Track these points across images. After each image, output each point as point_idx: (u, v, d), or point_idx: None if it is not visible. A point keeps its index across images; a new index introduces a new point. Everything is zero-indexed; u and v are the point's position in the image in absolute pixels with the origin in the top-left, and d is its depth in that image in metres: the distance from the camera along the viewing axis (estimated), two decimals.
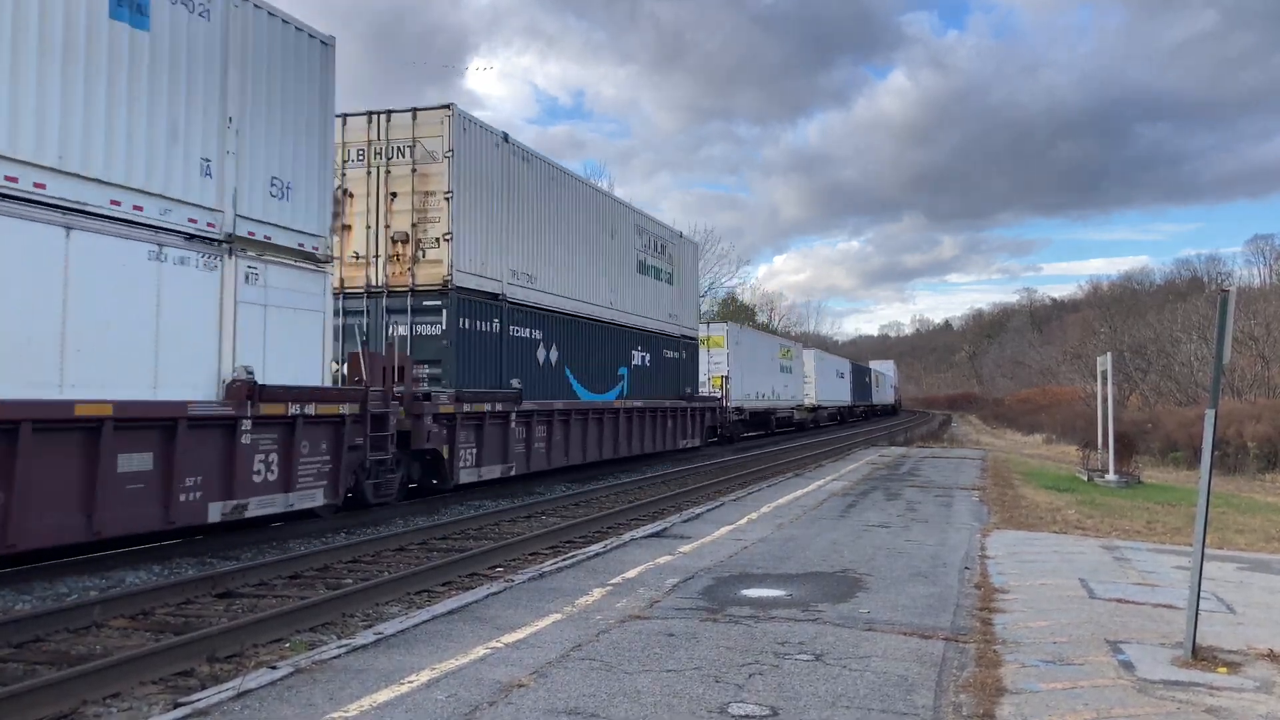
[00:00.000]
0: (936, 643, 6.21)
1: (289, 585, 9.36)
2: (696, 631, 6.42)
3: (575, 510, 15.50)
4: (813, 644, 6.12)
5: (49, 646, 7.02)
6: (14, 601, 8.28)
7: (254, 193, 11.23)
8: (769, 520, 12.28)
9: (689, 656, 5.79)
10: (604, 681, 5.27)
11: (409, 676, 5.34)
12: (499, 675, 5.38)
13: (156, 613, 8.07)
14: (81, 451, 8.70)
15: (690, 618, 6.82)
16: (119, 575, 9.45)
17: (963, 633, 6.50)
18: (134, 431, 9.20)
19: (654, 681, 5.27)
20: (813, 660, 5.75)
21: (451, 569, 9.81)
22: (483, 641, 6.13)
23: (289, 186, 11.83)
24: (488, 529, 13.31)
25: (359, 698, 4.96)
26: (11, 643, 6.91)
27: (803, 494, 15.80)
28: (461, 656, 5.77)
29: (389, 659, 5.73)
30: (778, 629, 6.51)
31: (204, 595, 8.69)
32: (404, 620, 6.78)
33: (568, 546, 11.42)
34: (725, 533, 11.09)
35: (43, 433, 8.27)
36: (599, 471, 22.06)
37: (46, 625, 7.29)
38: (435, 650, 5.93)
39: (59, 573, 9.27)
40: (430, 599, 8.62)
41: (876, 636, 6.34)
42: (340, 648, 5.95)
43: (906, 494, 16.08)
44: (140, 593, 8.28)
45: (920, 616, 6.96)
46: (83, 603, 7.86)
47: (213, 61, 10.63)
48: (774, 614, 6.96)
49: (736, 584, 8.09)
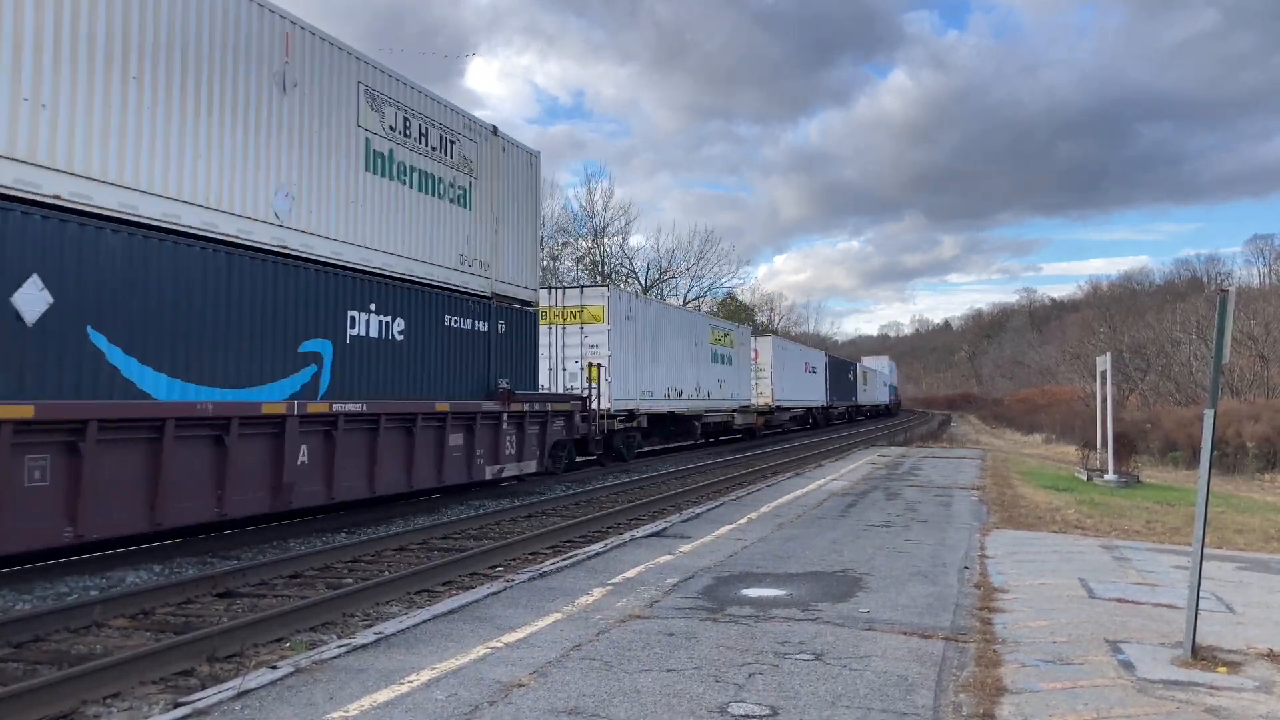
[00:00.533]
0: (936, 642, 6.22)
1: (289, 585, 9.36)
2: (696, 631, 6.42)
3: (576, 510, 15.51)
4: (813, 643, 6.12)
5: (49, 646, 7.02)
6: (14, 601, 8.28)
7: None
8: (768, 520, 12.29)
9: (689, 656, 5.80)
10: (604, 681, 5.28)
11: (409, 676, 5.34)
12: (499, 675, 5.38)
13: (157, 612, 8.07)
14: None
15: (690, 617, 6.82)
16: (119, 575, 9.45)
17: (962, 632, 6.51)
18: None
19: (654, 681, 5.28)
20: (813, 660, 5.75)
21: (452, 568, 9.81)
22: (483, 641, 6.13)
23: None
24: (488, 528, 13.31)
25: (359, 697, 4.97)
26: (12, 642, 6.91)
27: (802, 494, 15.80)
28: (462, 656, 5.77)
29: (389, 658, 5.73)
30: (778, 628, 6.52)
31: (204, 595, 8.69)
32: (404, 620, 6.78)
33: (568, 546, 11.43)
34: (725, 532, 11.09)
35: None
36: (586, 475, 22.01)
37: (47, 625, 7.30)
38: (436, 650, 5.93)
39: (60, 572, 9.27)
40: (431, 599, 8.62)
41: (876, 636, 6.35)
42: (341, 647, 5.95)
43: (906, 494, 16.09)
44: (141, 592, 8.28)
45: (920, 616, 6.97)
46: (83, 602, 7.86)
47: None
48: (774, 613, 6.97)
49: (736, 583, 8.09)
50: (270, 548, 11.39)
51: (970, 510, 13.90)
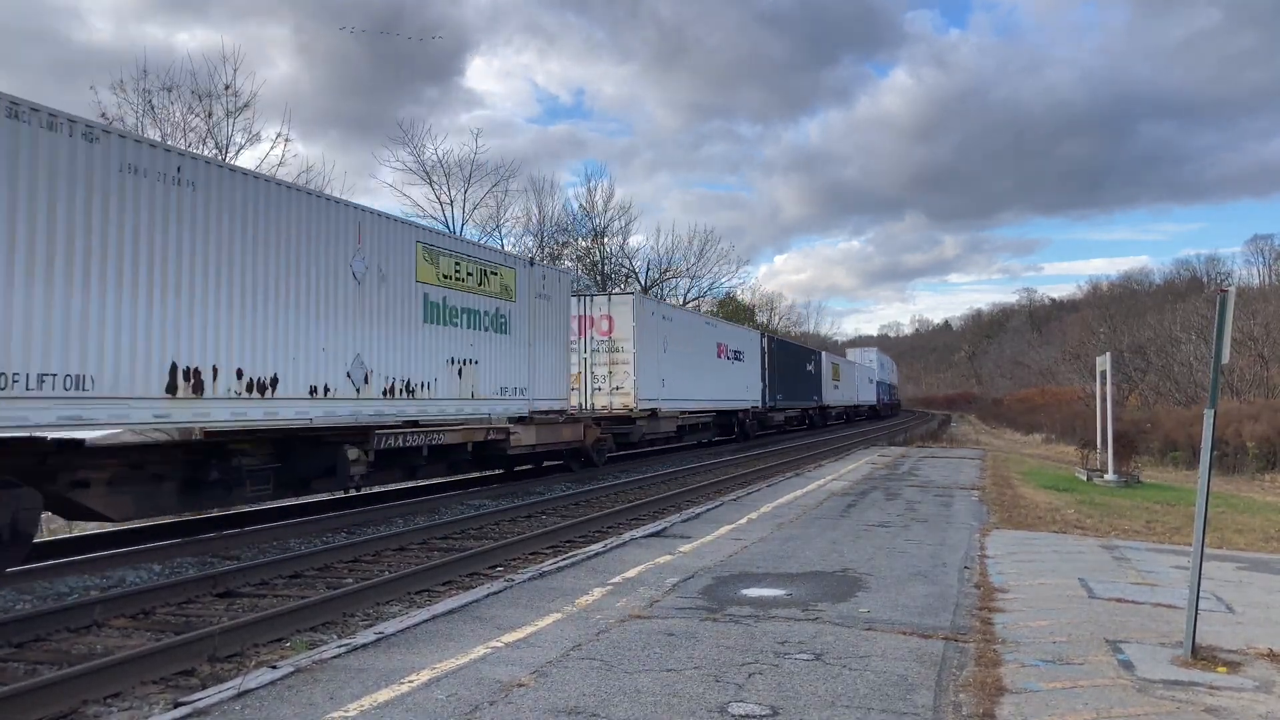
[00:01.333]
0: (936, 642, 6.22)
1: (290, 585, 9.36)
2: (696, 631, 6.42)
3: (576, 510, 15.50)
4: (812, 643, 6.12)
5: (50, 646, 7.03)
6: (15, 601, 8.28)
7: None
8: (768, 520, 12.28)
9: (688, 656, 5.80)
10: (604, 680, 5.28)
11: (409, 676, 5.34)
12: (499, 674, 5.38)
13: (157, 612, 8.07)
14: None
15: (690, 617, 6.82)
16: (119, 574, 9.45)
17: (962, 632, 6.51)
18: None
19: (653, 681, 5.28)
20: (812, 660, 5.75)
21: (452, 568, 9.81)
22: (483, 641, 6.13)
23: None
24: (488, 529, 13.31)
25: (359, 697, 4.97)
26: (12, 642, 6.91)
27: (802, 494, 15.80)
28: (461, 656, 5.77)
29: (389, 658, 5.73)
30: (777, 628, 6.52)
31: (205, 595, 8.69)
32: (405, 619, 6.78)
33: (568, 546, 11.43)
34: (725, 532, 11.09)
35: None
36: (600, 471, 22.07)
37: (47, 625, 7.30)
38: (436, 649, 5.93)
39: (59, 572, 9.27)
40: (431, 598, 8.62)
41: (876, 636, 6.34)
42: (341, 647, 5.95)
43: (906, 493, 16.09)
44: (141, 592, 8.29)
45: (920, 616, 6.97)
46: (83, 602, 7.86)
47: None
48: (774, 613, 6.97)
49: (736, 583, 8.09)
50: (270, 548, 11.39)
51: (970, 510, 13.90)
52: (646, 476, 21.28)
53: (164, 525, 12.29)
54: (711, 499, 15.76)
